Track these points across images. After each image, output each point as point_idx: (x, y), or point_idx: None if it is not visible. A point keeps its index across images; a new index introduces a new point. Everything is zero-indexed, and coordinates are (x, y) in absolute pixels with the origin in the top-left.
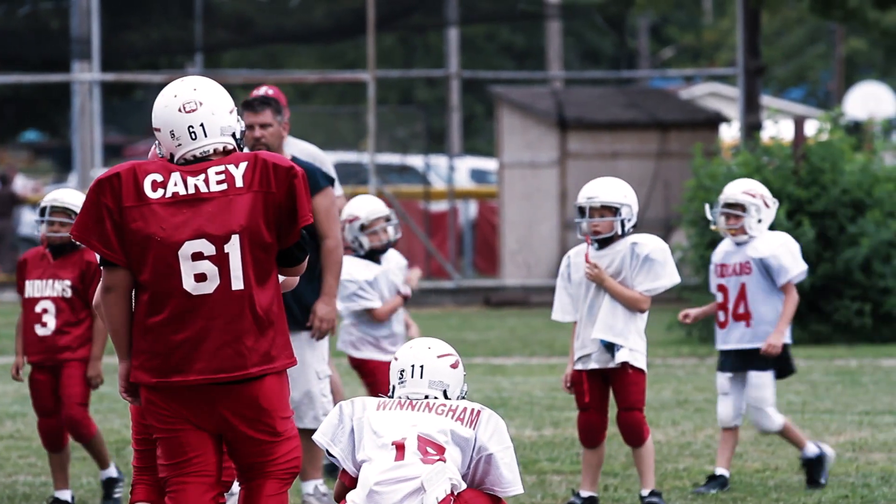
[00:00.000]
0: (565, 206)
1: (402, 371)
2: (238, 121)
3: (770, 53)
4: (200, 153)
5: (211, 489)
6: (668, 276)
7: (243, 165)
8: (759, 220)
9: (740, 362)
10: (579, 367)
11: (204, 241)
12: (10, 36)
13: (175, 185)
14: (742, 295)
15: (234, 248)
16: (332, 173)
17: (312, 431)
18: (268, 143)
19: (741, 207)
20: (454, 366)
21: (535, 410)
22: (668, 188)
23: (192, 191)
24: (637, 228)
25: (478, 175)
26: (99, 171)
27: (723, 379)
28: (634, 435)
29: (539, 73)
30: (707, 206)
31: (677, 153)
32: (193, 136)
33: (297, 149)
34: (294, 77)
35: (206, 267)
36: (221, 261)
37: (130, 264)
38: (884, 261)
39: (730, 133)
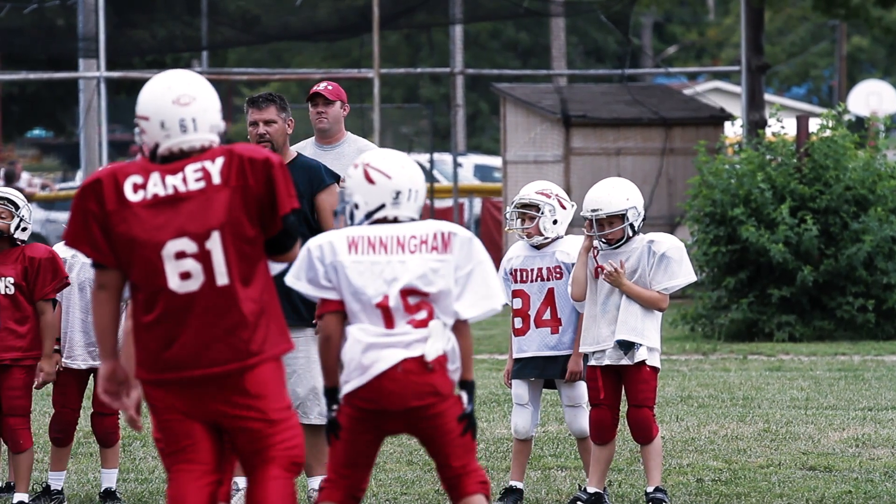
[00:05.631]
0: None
1: (399, 193)
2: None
3: (773, 51)
4: (187, 147)
5: (205, 476)
6: (685, 275)
7: (219, 161)
8: (555, 221)
9: (542, 369)
10: (593, 363)
11: (186, 239)
12: (17, 34)
13: (154, 185)
14: (549, 300)
15: (215, 244)
16: None
17: (318, 427)
18: (272, 140)
19: (535, 208)
20: None
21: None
22: (673, 185)
23: (170, 191)
24: (642, 224)
25: (482, 172)
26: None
27: (521, 388)
28: (643, 432)
29: (543, 70)
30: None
31: (681, 150)
32: (184, 130)
33: (356, 146)
34: (299, 74)
35: (190, 265)
36: (204, 258)
37: (120, 265)
38: (887, 257)
39: (734, 130)
